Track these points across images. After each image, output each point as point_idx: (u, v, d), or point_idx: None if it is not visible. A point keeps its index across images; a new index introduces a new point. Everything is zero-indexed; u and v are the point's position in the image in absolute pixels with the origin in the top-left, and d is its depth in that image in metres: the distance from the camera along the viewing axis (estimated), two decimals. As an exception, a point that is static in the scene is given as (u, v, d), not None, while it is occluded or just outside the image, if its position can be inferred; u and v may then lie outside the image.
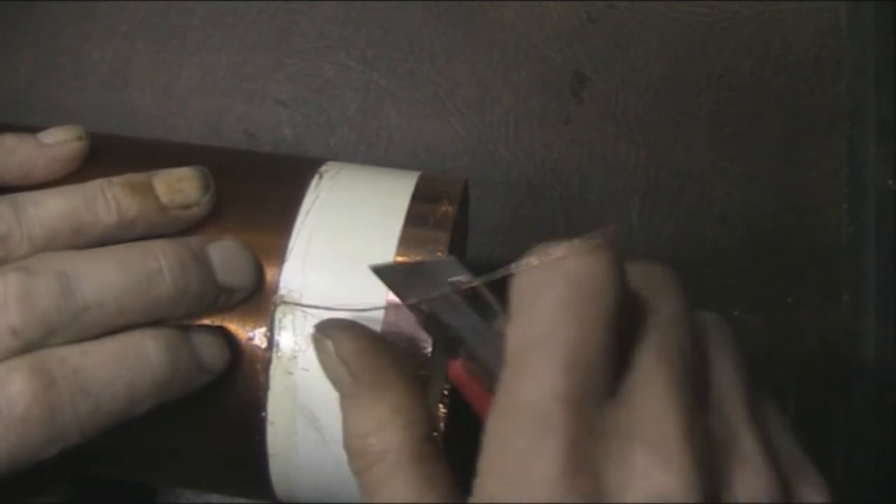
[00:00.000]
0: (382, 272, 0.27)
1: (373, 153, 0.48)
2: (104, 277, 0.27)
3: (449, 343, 0.27)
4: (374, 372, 0.27)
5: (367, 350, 0.27)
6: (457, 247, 0.39)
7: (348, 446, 0.27)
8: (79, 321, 0.27)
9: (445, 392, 0.41)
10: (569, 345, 0.23)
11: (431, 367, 0.30)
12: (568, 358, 0.23)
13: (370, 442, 0.26)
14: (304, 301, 0.30)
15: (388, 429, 0.26)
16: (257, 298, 0.30)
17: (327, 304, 0.30)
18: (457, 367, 0.27)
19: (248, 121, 0.48)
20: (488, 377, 0.26)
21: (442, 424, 0.41)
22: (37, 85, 0.49)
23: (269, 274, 0.30)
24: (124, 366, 0.27)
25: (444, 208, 0.32)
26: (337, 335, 0.27)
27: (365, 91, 0.49)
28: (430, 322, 0.27)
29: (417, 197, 0.32)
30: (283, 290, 0.30)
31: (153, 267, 0.28)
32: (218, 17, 0.49)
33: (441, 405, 0.41)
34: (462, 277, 0.26)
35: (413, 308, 0.27)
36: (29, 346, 0.26)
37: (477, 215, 0.42)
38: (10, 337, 0.26)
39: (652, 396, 0.23)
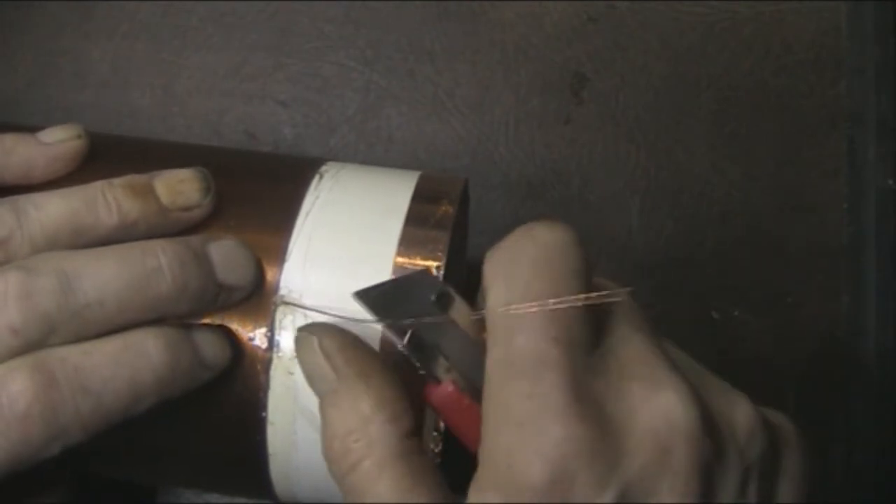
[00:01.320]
0: (363, 297, 0.27)
1: (373, 153, 0.48)
2: (104, 276, 0.27)
3: (429, 359, 0.27)
4: (358, 365, 0.27)
5: (351, 345, 0.27)
6: (457, 247, 0.39)
7: (330, 450, 0.27)
8: (79, 319, 0.27)
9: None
10: (549, 297, 0.25)
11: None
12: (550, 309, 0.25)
13: (353, 439, 0.26)
14: (305, 301, 0.30)
15: (373, 423, 0.26)
16: (258, 299, 0.30)
17: (327, 304, 0.30)
18: (442, 389, 0.27)
19: (248, 121, 0.48)
20: (473, 389, 0.26)
21: (442, 424, 0.41)
22: (36, 85, 0.49)
23: (270, 274, 0.30)
24: (125, 363, 0.27)
25: (444, 208, 0.32)
26: (321, 331, 0.28)
27: (365, 91, 0.49)
28: (413, 341, 0.27)
29: (417, 197, 0.32)
30: (283, 291, 0.30)
31: (153, 265, 0.28)
32: (218, 17, 0.49)
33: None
34: (437, 287, 0.27)
35: (395, 331, 0.27)
36: (30, 345, 0.26)
37: (477, 215, 0.42)
38: (11, 336, 0.26)
39: (633, 345, 0.26)
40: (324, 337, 0.27)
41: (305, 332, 0.28)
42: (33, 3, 0.49)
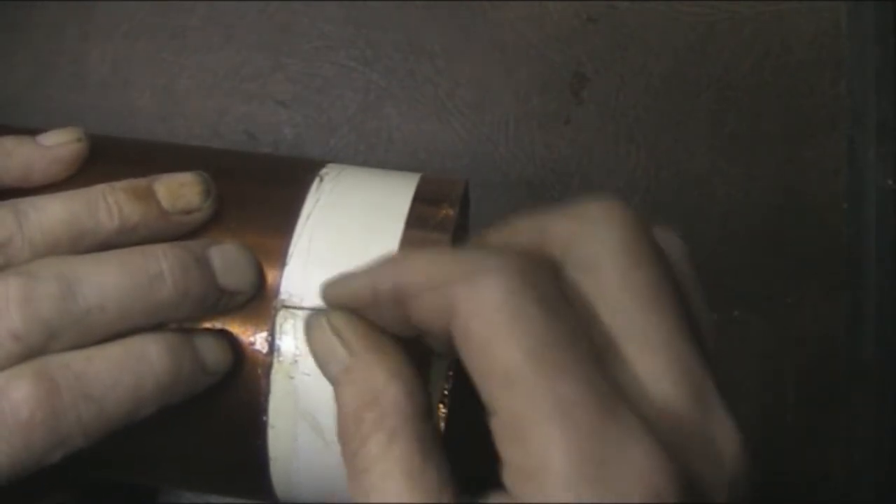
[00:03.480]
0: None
1: (373, 153, 0.48)
2: (106, 281, 0.27)
3: None
4: (370, 338, 0.25)
5: (361, 321, 0.26)
6: (458, 248, 0.39)
7: (343, 430, 0.25)
8: (81, 325, 0.27)
9: (445, 392, 0.41)
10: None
11: (434, 361, 0.30)
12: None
13: (367, 410, 0.24)
14: (305, 305, 0.30)
15: (387, 394, 0.24)
16: (258, 303, 0.30)
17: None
18: None
19: (248, 121, 0.48)
20: None
21: (442, 424, 0.41)
22: (36, 85, 0.49)
23: (271, 278, 0.30)
24: (127, 369, 0.27)
25: (445, 211, 0.32)
26: (331, 312, 0.26)
27: (365, 91, 0.48)
28: None
29: (418, 199, 0.32)
30: (284, 295, 0.30)
31: (154, 270, 0.28)
32: (218, 17, 0.49)
33: (441, 405, 0.41)
34: None
35: None
36: (31, 350, 0.26)
37: (477, 216, 0.42)
38: (12, 342, 0.26)
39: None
40: (332, 315, 0.26)
41: (313, 315, 0.27)
42: (33, 3, 0.49)
